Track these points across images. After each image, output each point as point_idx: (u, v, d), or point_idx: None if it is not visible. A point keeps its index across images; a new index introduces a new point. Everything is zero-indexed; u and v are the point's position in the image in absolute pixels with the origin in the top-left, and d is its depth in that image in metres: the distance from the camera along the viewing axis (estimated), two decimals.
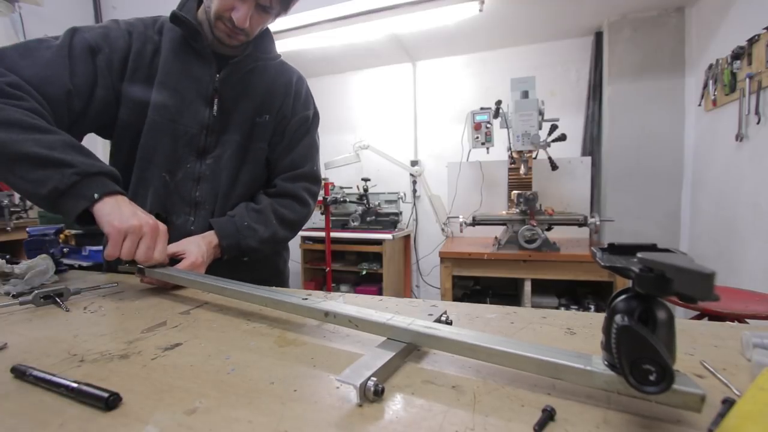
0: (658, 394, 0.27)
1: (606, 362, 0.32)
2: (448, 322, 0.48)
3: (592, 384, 0.32)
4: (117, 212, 0.66)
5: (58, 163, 0.65)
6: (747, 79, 1.88)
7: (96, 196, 0.66)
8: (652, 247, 0.32)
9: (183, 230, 0.86)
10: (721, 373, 0.37)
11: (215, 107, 0.87)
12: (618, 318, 0.28)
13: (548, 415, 0.30)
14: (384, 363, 0.36)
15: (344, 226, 3.17)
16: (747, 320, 1.44)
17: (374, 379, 0.33)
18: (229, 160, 0.89)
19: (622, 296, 0.31)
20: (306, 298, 0.51)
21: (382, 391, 0.33)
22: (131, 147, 0.85)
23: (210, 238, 0.83)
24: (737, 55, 1.96)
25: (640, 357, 0.27)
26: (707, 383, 0.35)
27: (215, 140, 0.88)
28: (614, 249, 0.34)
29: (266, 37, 0.94)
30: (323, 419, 0.31)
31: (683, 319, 0.52)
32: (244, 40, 0.85)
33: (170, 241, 0.82)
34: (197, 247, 0.79)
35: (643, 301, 0.29)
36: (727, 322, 0.51)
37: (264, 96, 0.93)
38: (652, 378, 0.27)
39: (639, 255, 0.29)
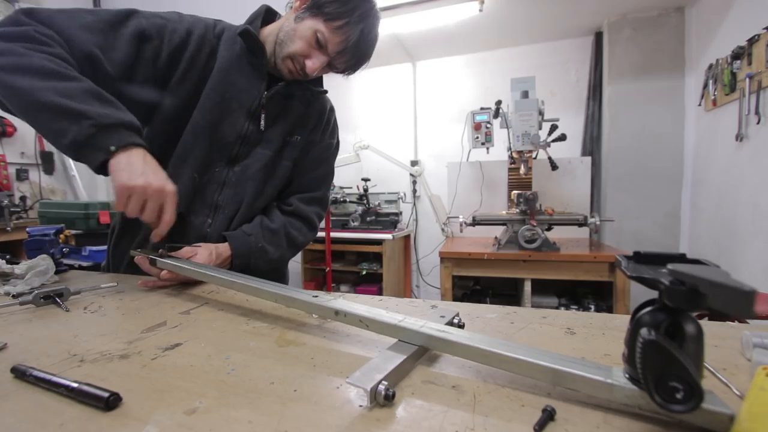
0: (685, 413, 0.26)
1: (627, 375, 0.30)
2: (461, 326, 0.47)
3: (611, 398, 0.30)
4: (127, 168, 0.65)
5: (76, 114, 0.63)
6: (747, 79, 1.88)
7: (113, 148, 0.65)
8: (681, 258, 0.30)
9: (200, 231, 0.88)
10: (721, 373, 0.37)
11: (262, 122, 0.90)
12: (644, 332, 0.27)
13: (548, 415, 0.30)
14: (395, 366, 0.35)
15: (344, 226, 3.16)
16: (747, 320, 1.44)
17: (385, 383, 0.32)
18: (258, 172, 0.91)
19: (648, 308, 0.29)
20: (316, 296, 0.51)
21: (393, 395, 0.32)
22: (167, 140, 0.85)
23: (222, 250, 0.85)
24: (737, 55, 1.96)
25: (667, 374, 0.26)
26: (707, 383, 0.35)
27: (247, 151, 0.91)
28: (640, 258, 0.32)
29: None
30: (323, 419, 0.31)
31: None
32: (300, 79, 0.89)
33: (185, 238, 0.86)
34: (208, 254, 0.81)
35: (670, 314, 0.28)
36: (727, 322, 0.50)
37: (299, 118, 0.96)
38: (678, 396, 0.25)
39: (670, 266, 0.27)
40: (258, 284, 0.56)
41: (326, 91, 1.00)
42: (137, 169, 0.66)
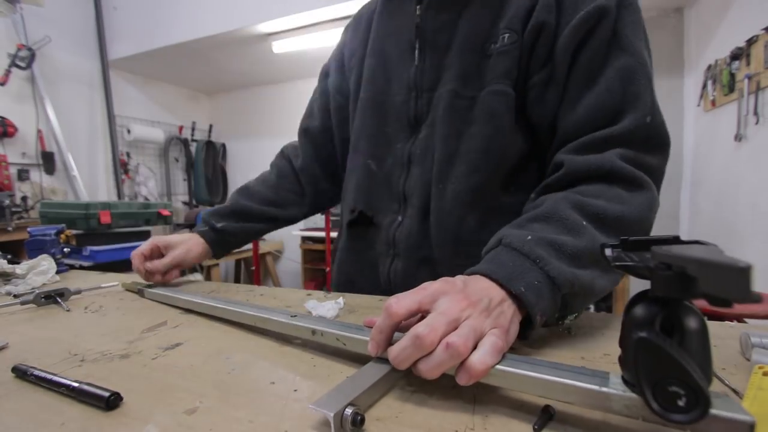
0: (689, 423, 0.22)
1: (625, 381, 0.27)
2: None
3: (609, 409, 0.27)
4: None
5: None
6: (746, 80, 1.88)
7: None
8: (675, 240, 0.26)
9: (387, 235, 0.65)
10: (720, 373, 0.37)
11: (426, 54, 0.61)
12: (635, 328, 0.24)
13: (548, 415, 0.30)
14: (369, 386, 0.32)
15: None
16: (746, 320, 1.45)
17: (353, 406, 0.29)
18: (442, 125, 0.59)
19: (641, 301, 0.25)
20: (294, 316, 0.47)
21: (362, 421, 0.29)
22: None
23: (480, 288, 0.38)
24: (736, 55, 1.96)
25: (665, 377, 0.22)
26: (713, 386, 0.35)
27: (427, 102, 0.61)
28: (628, 244, 0.28)
29: None
30: (323, 419, 0.31)
31: None
32: None
33: (372, 248, 0.68)
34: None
35: (666, 305, 0.24)
36: (727, 322, 0.51)
37: (492, 7, 0.57)
38: (681, 403, 0.22)
39: (654, 249, 0.24)
40: (236, 307, 0.53)
41: None
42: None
